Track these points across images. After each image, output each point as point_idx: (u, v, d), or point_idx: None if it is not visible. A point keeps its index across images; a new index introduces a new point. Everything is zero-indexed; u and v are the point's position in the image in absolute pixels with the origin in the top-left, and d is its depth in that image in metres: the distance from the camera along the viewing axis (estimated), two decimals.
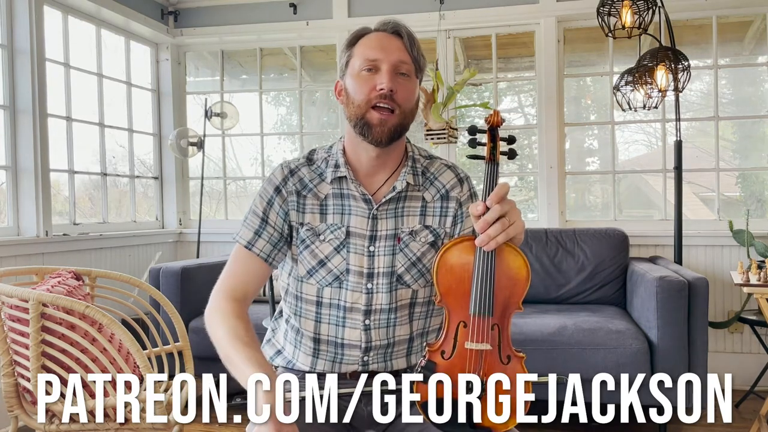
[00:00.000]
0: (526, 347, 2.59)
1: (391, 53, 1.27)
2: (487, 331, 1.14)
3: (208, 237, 4.06)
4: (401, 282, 1.33)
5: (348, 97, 1.29)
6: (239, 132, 4.26)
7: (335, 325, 1.34)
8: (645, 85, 3.07)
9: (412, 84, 1.30)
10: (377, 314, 1.33)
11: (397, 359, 1.36)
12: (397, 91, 1.26)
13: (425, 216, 1.35)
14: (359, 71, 1.28)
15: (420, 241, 1.34)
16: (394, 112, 1.26)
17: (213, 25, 4.14)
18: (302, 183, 1.34)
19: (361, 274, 1.32)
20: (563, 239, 3.33)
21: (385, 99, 1.25)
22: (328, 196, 1.33)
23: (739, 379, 3.29)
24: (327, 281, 1.32)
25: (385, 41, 1.29)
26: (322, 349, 1.35)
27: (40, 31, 3.16)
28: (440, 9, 3.78)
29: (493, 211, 1.08)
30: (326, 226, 1.32)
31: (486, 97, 4.34)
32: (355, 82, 1.28)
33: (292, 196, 1.33)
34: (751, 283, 2.56)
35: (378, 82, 1.26)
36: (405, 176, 1.33)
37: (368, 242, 1.32)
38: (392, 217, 1.33)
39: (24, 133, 3.12)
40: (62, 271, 2.20)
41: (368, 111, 1.26)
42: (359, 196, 1.32)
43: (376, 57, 1.27)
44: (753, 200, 3.79)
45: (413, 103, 1.31)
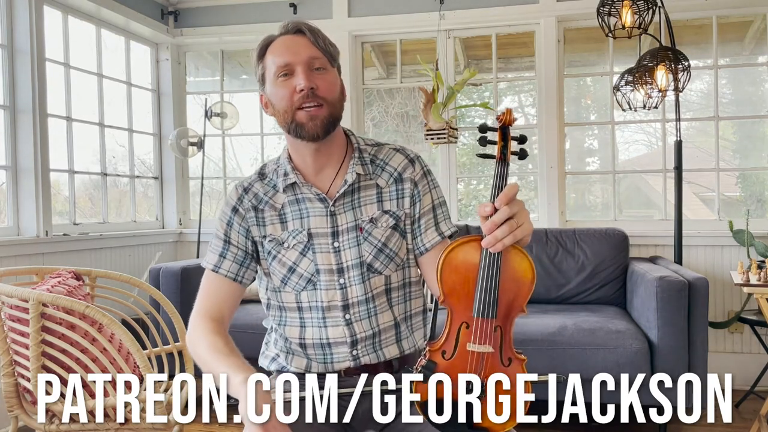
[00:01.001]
0: (526, 347, 2.59)
1: (299, 53, 1.28)
2: (489, 333, 1.13)
3: (208, 237, 4.05)
4: (372, 270, 1.34)
5: (274, 107, 1.31)
6: (239, 132, 4.26)
7: (318, 327, 1.35)
8: (645, 85, 3.07)
9: (331, 75, 1.31)
10: (355, 307, 1.34)
11: (388, 347, 1.37)
12: (318, 86, 1.27)
13: (382, 202, 1.36)
14: (275, 79, 1.28)
15: (382, 226, 1.35)
16: (321, 106, 1.27)
17: (213, 25, 4.14)
18: (257, 198, 1.37)
19: (331, 271, 1.33)
20: (563, 239, 3.33)
21: (308, 98, 1.26)
22: (284, 204, 1.36)
23: (739, 379, 3.29)
24: (301, 286, 1.34)
25: (291, 43, 1.30)
26: (310, 353, 1.37)
27: (40, 31, 3.16)
28: (440, 9, 3.78)
29: (501, 212, 1.06)
30: (288, 233, 1.34)
31: (486, 97, 4.34)
32: (275, 90, 1.29)
33: (250, 213, 1.36)
34: (751, 283, 2.56)
35: (296, 83, 1.26)
36: (354, 167, 1.34)
37: (331, 239, 1.34)
38: (350, 209, 1.35)
39: (24, 133, 3.12)
40: (62, 271, 2.20)
41: (295, 113, 1.27)
42: (314, 196, 1.34)
43: (287, 61, 1.27)
44: (753, 200, 3.79)
45: (338, 93, 1.31)
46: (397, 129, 4.42)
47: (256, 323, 2.71)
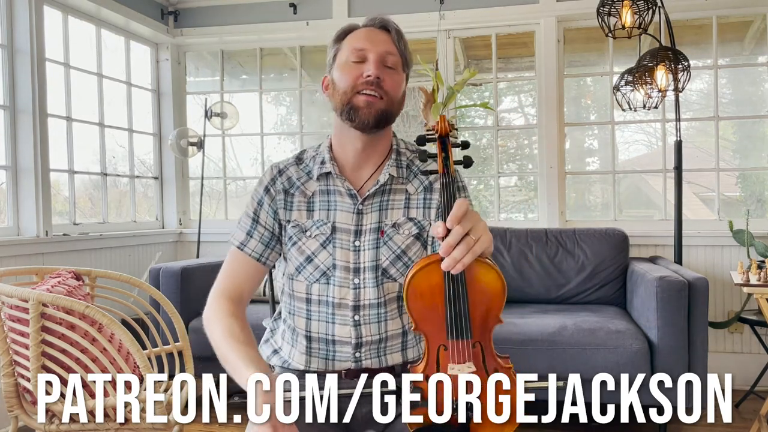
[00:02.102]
0: (526, 347, 2.61)
1: (378, 45, 1.29)
2: (468, 350, 1.10)
3: (208, 237, 4.06)
4: (387, 276, 1.33)
5: (334, 87, 1.31)
6: (239, 132, 4.26)
7: (325, 321, 1.35)
8: (645, 85, 3.07)
9: (399, 76, 1.32)
10: (366, 309, 1.33)
11: (392, 354, 1.37)
12: (384, 79, 1.28)
13: (409, 208, 1.35)
14: (346, 61, 1.30)
15: (404, 233, 1.34)
16: (381, 98, 1.27)
17: (213, 25, 4.14)
18: (290, 182, 1.37)
19: (347, 269, 1.33)
20: (563, 239, 3.33)
21: (372, 86, 1.26)
22: (315, 193, 1.36)
23: (739, 379, 3.29)
24: (314, 277, 1.34)
25: (373, 34, 1.32)
26: (314, 347, 1.36)
27: (40, 31, 3.16)
28: (440, 9, 3.78)
29: (454, 233, 1.02)
30: (312, 222, 1.34)
31: (486, 97, 4.34)
32: (342, 71, 1.30)
33: (280, 195, 1.36)
34: (751, 283, 2.56)
35: (365, 69, 1.27)
36: (388, 169, 1.34)
37: (354, 237, 1.33)
38: (377, 210, 1.34)
39: (24, 133, 3.12)
40: (62, 271, 2.20)
41: (354, 96, 1.27)
42: (345, 191, 1.34)
43: (364, 47, 1.29)
44: (753, 200, 3.79)
45: (400, 95, 1.32)
46: (397, 129, 4.40)
47: (256, 323, 2.70)
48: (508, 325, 2.71)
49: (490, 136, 4.11)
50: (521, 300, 3.29)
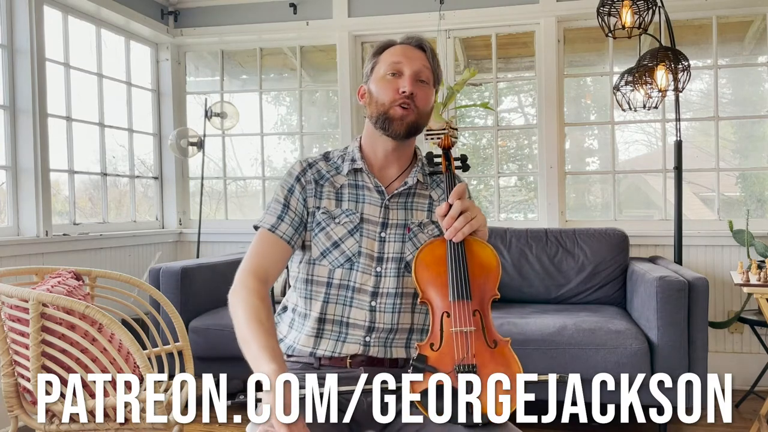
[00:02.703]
0: (526, 347, 2.61)
1: (414, 62, 1.42)
2: (468, 315, 1.25)
3: (208, 237, 4.06)
4: (408, 269, 1.41)
5: (371, 97, 1.44)
6: (239, 132, 4.26)
7: (342, 304, 1.41)
8: (645, 85, 3.07)
9: (430, 91, 1.45)
10: (383, 297, 1.41)
11: (397, 347, 1.42)
12: (417, 95, 1.41)
13: (432, 212, 1.48)
14: (384, 75, 1.43)
15: (427, 233, 1.45)
16: (413, 111, 1.40)
17: (213, 25, 4.14)
18: (320, 174, 1.47)
19: (371, 257, 1.42)
20: (563, 239, 3.33)
21: (407, 99, 1.40)
22: (343, 185, 1.46)
23: (739, 379, 3.29)
24: (339, 262, 1.41)
25: (409, 52, 1.45)
26: (326, 328, 1.42)
27: (40, 31, 3.16)
28: (440, 9, 3.78)
29: (455, 206, 1.29)
30: (341, 210, 1.44)
31: (486, 97, 4.34)
32: (379, 85, 1.43)
33: (311, 185, 1.45)
34: (751, 283, 2.56)
35: (401, 85, 1.40)
36: (416, 174, 1.47)
37: (380, 228, 1.43)
38: (402, 209, 1.46)
39: (24, 133, 3.12)
40: (62, 271, 2.20)
41: (391, 108, 1.40)
42: (373, 187, 1.45)
43: (401, 64, 1.42)
44: (753, 200, 3.79)
45: (429, 107, 1.45)
46: None
47: None
48: (508, 325, 2.71)
49: (490, 136, 4.11)
50: (521, 300, 3.29)
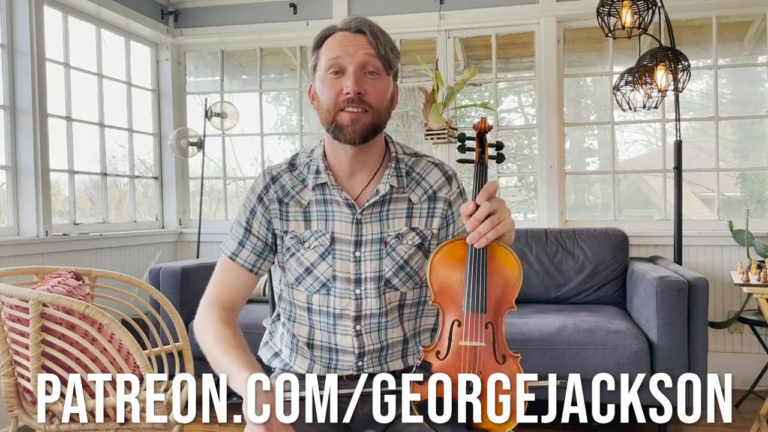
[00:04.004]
0: (526, 347, 2.61)
1: (355, 54, 1.23)
2: (481, 328, 1.14)
3: (208, 237, 4.05)
4: (389, 286, 1.32)
5: (318, 102, 1.27)
6: (239, 132, 4.26)
7: (327, 331, 1.33)
8: (645, 85, 3.07)
9: (383, 82, 1.26)
10: (367, 319, 1.32)
11: (393, 361, 1.36)
12: (366, 92, 1.23)
13: (411, 218, 1.33)
14: (326, 74, 1.25)
15: (407, 243, 1.32)
16: (366, 112, 1.23)
17: (213, 25, 4.14)
18: (284, 190, 1.32)
19: (348, 280, 1.30)
20: (563, 239, 3.33)
21: (353, 103, 1.22)
22: (311, 202, 1.32)
23: (739, 379, 3.29)
24: (315, 288, 1.32)
25: (349, 41, 1.25)
26: (316, 354, 1.35)
27: (40, 31, 3.16)
28: (440, 9, 3.78)
29: (482, 208, 1.08)
30: (311, 233, 1.31)
31: (486, 97, 4.34)
32: (322, 86, 1.25)
33: (274, 204, 1.32)
34: (751, 283, 2.56)
35: (344, 85, 1.22)
36: (388, 179, 1.30)
37: (354, 248, 1.30)
38: (377, 221, 1.31)
39: (24, 133, 3.12)
40: (62, 271, 2.20)
41: (337, 114, 1.23)
42: (342, 201, 1.30)
43: (340, 59, 1.23)
44: (753, 200, 3.79)
45: (386, 101, 1.27)
46: (397, 129, 4.42)
47: (256, 323, 2.71)
48: (508, 325, 2.70)
49: (490, 136, 4.11)
50: (521, 300, 3.24)
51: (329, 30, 1.29)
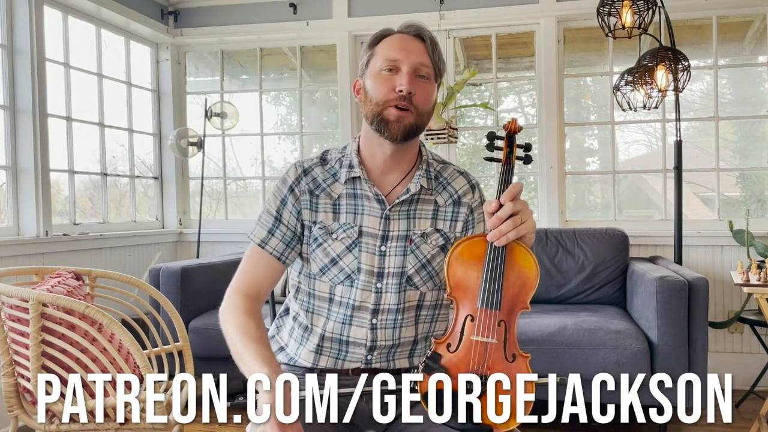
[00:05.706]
0: (526, 347, 2.58)
1: (412, 55, 1.29)
2: (493, 326, 1.16)
3: (208, 237, 4.06)
4: (410, 283, 1.35)
5: (366, 95, 1.32)
6: (239, 132, 4.26)
7: (341, 323, 1.35)
8: (645, 85, 3.07)
9: (431, 87, 1.32)
10: (384, 314, 1.34)
11: (400, 359, 1.38)
12: (415, 93, 1.28)
13: (437, 219, 1.37)
14: (380, 71, 1.30)
15: (431, 243, 1.35)
16: (411, 112, 1.28)
17: (213, 25, 4.14)
18: (315, 183, 1.36)
19: (371, 273, 1.33)
20: (563, 239, 3.33)
21: (404, 101, 1.27)
22: (341, 195, 1.35)
23: (739, 379, 3.29)
24: (339, 279, 1.34)
25: (407, 43, 1.31)
26: (326, 346, 1.37)
27: (40, 31, 3.16)
28: (440, 9, 3.78)
29: (505, 207, 1.12)
30: (339, 225, 1.34)
31: (486, 97, 4.34)
32: (374, 81, 1.30)
33: (305, 195, 1.35)
34: (751, 283, 2.56)
35: (397, 83, 1.27)
36: (419, 179, 1.35)
37: (380, 242, 1.34)
38: (404, 218, 1.35)
39: (24, 133, 3.12)
40: (62, 271, 2.20)
41: (386, 109, 1.28)
42: (372, 196, 1.34)
43: (397, 58, 1.29)
44: (753, 200, 3.79)
45: (430, 106, 1.33)
46: None
47: None
48: None
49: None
50: None
51: (388, 31, 1.35)
